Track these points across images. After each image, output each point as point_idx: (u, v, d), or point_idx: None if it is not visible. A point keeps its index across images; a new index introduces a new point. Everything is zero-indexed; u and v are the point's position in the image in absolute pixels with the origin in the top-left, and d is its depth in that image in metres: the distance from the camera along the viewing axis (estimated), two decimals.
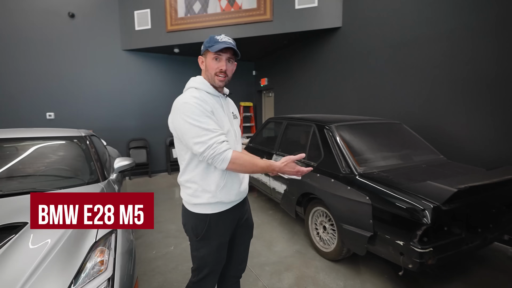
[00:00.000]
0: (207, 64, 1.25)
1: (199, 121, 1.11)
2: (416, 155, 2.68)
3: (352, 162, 2.33)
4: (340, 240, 2.33)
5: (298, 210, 2.89)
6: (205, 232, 1.25)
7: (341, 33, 4.58)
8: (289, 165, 1.16)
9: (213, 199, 1.22)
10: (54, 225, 1.28)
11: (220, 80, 1.25)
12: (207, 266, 1.31)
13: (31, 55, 5.12)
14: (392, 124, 3.05)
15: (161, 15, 5.38)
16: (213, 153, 1.10)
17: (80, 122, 5.56)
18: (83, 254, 1.19)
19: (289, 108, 6.17)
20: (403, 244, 1.79)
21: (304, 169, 1.20)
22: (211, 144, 1.10)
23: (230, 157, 1.11)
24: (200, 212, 1.25)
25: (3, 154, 1.99)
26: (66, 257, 1.15)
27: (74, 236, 1.26)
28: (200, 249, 1.28)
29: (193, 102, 1.14)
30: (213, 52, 1.20)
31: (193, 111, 1.12)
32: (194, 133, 1.11)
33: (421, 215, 1.70)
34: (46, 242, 1.18)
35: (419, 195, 1.79)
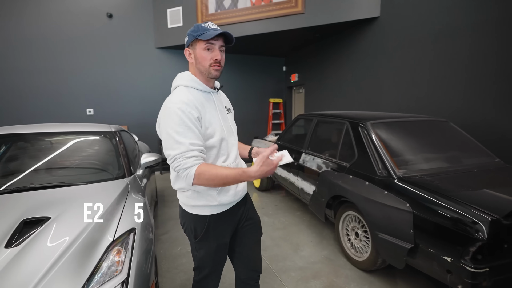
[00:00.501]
0: (197, 55, 1.12)
1: (176, 132, 1.03)
2: (466, 158, 2.36)
3: (390, 164, 2.10)
4: (374, 250, 2.12)
5: (328, 213, 2.71)
6: (204, 233, 1.21)
7: (379, 24, 4.24)
8: (266, 163, 0.99)
9: (212, 202, 1.17)
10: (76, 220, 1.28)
11: (216, 69, 1.14)
12: (206, 267, 1.28)
13: (73, 54, 5.44)
14: (436, 122, 2.73)
15: (192, 12, 5.41)
16: (177, 167, 1.04)
17: (117, 118, 5.83)
18: (100, 254, 1.16)
19: (320, 104, 5.91)
20: (452, 260, 1.55)
21: (276, 160, 1.02)
22: (178, 158, 1.03)
23: (193, 173, 1.02)
24: (199, 213, 1.20)
25: (37, 148, 2.08)
26: (82, 256, 1.13)
27: (92, 233, 1.24)
28: (199, 249, 1.25)
29: (177, 108, 1.05)
30: (205, 40, 1.08)
31: (174, 119, 1.04)
32: (168, 144, 1.06)
33: (476, 229, 1.45)
34: (64, 240, 1.17)
35: (473, 205, 1.54)
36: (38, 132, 2.15)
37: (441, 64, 3.38)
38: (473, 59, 3.03)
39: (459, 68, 3.19)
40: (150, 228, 1.55)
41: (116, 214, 1.46)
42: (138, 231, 1.37)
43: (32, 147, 2.10)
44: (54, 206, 1.41)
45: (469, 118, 3.12)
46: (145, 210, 1.65)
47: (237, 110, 6.51)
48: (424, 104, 3.63)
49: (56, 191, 1.62)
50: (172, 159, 1.05)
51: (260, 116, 7.19)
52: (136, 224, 1.41)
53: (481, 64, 2.97)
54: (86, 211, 1.38)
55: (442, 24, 3.32)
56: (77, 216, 1.33)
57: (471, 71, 3.06)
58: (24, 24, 5.10)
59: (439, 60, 3.40)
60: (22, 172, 1.82)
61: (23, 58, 5.15)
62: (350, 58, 4.91)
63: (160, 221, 3.35)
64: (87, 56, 5.55)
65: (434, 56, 3.45)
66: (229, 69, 6.74)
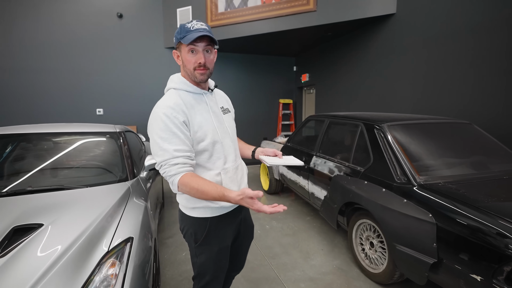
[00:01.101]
0: (183, 58, 1.09)
1: (161, 137, 1.01)
2: (492, 163, 2.17)
3: (409, 169, 1.94)
4: (391, 262, 1.96)
5: (340, 220, 2.56)
6: (205, 237, 1.17)
7: (395, 21, 4.04)
8: (245, 200, 0.93)
9: (213, 204, 1.13)
10: (69, 228, 1.19)
11: (201, 73, 1.08)
12: (207, 273, 1.23)
13: (84, 54, 5.46)
14: (459, 124, 2.54)
15: (202, 11, 5.34)
16: (164, 173, 1.03)
17: (126, 118, 5.82)
18: (92, 266, 1.07)
19: (331, 105, 5.73)
20: (482, 280, 1.38)
21: (266, 210, 0.92)
22: (164, 165, 1.02)
23: (176, 182, 1.01)
24: (199, 216, 1.16)
25: (39, 148, 2.02)
26: (73, 268, 1.04)
27: (86, 243, 1.15)
28: (199, 255, 1.20)
29: (162, 113, 1.03)
30: (187, 44, 1.02)
31: (159, 124, 1.02)
32: (153, 149, 1.04)
33: (510, 245, 1.28)
34: (54, 250, 1.08)
35: (506, 218, 1.37)
36: (40, 133, 2.10)
37: (462, 63, 3.17)
38: (496, 57, 2.82)
39: (481, 67, 2.98)
40: (150, 235, 1.46)
41: (114, 221, 1.36)
42: (136, 240, 1.27)
43: (34, 147, 2.05)
44: (48, 212, 1.33)
45: (493, 120, 2.90)
46: (145, 216, 1.56)
47: (246, 110, 6.43)
48: (442, 105, 3.42)
49: (53, 195, 1.54)
50: (159, 165, 1.04)
51: (269, 117, 7.06)
52: (134, 232, 1.31)
53: (504, 62, 2.75)
54: (82, 218, 1.30)
55: (463, 21, 3.12)
56: (71, 224, 1.24)
57: (494, 70, 2.85)
58: (36, 25, 5.15)
59: (460, 59, 3.19)
60: (21, 174, 1.76)
61: (34, 58, 5.20)
62: (363, 57, 4.73)
63: (166, 223, 3.27)
64: (97, 56, 5.56)
65: (454, 54, 3.25)
66: (238, 69, 6.65)
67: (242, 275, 2.25)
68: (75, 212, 1.36)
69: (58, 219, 1.26)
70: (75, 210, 1.38)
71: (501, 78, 2.82)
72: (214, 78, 4.86)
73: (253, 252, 2.60)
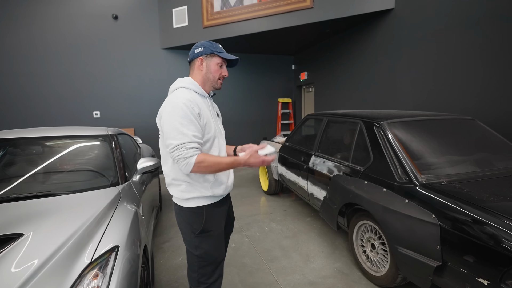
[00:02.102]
0: (211, 67, 1.29)
1: (181, 124, 1.14)
2: (498, 160, 2.08)
3: (411, 168, 1.86)
4: (394, 265, 1.88)
5: (341, 221, 2.49)
6: (204, 224, 1.27)
7: (393, 16, 3.96)
8: (253, 155, 1.21)
9: (206, 193, 1.26)
10: (51, 238, 1.13)
11: (221, 83, 1.35)
12: (211, 263, 1.31)
13: (79, 56, 5.40)
14: (462, 120, 2.46)
15: (197, 11, 5.28)
16: (179, 155, 1.12)
17: (124, 120, 5.76)
18: (72, 279, 1.00)
19: (331, 104, 5.65)
20: (489, 284, 1.31)
21: (268, 158, 1.24)
22: (180, 147, 1.13)
23: (194, 162, 1.13)
24: (195, 205, 1.26)
25: (27, 153, 1.96)
26: (52, 281, 0.97)
27: (67, 254, 1.08)
28: (200, 244, 1.29)
29: (182, 103, 1.16)
30: (221, 58, 1.29)
31: (179, 112, 1.15)
32: (172, 134, 1.15)
33: None
34: (33, 263, 1.01)
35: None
36: (29, 137, 2.04)
37: (463, 57, 3.09)
38: (498, 52, 2.74)
39: (482, 62, 2.89)
40: (139, 243, 1.39)
41: (100, 228, 1.30)
42: (122, 249, 1.20)
43: (22, 152, 1.99)
44: (31, 221, 1.26)
45: (496, 116, 2.82)
46: (134, 223, 1.49)
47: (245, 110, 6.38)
48: (444, 101, 3.34)
49: (39, 202, 1.48)
50: (174, 148, 1.13)
51: (268, 116, 6.99)
52: (120, 240, 1.24)
53: (508, 57, 2.67)
54: (65, 226, 1.23)
55: (463, 15, 3.03)
56: (53, 233, 1.18)
57: (497, 65, 2.77)
58: (31, 29, 5.10)
59: (462, 54, 3.11)
60: (7, 180, 1.70)
61: (29, 62, 5.15)
62: (362, 54, 4.65)
63: (164, 227, 3.20)
64: (93, 59, 5.50)
65: (456, 49, 3.17)
66: (236, 68, 6.58)
67: (239, 280, 2.18)
68: (59, 220, 1.29)
69: (40, 228, 1.20)
70: (60, 218, 1.32)
71: (506, 73, 2.74)
72: None
73: (251, 256, 2.53)
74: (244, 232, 3.03)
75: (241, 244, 2.77)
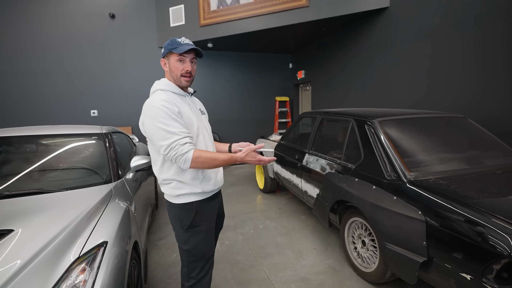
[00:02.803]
0: (171, 66, 1.29)
1: (165, 124, 1.15)
2: (487, 158, 2.11)
3: (399, 166, 1.88)
4: (382, 261, 1.91)
5: (333, 218, 2.51)
6: (193, 219, 1.30)
7: (389, 14, 3.98)
8: (250, 154, 1.21)
9: (195, 189, 1.29)
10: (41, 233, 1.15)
11: (186, 80, 1.30)
12: (200, 258, 1.34)
13: (76, 55, 5.43)
14: (453, 118, 2.48)
15: (194, 10, 5.29)
16: (175, 154, 1.14)
17: (121, 119, 5.79)
18: (60, 273, 1.02)
19: (327, 102, 5.67)
20: (471, 279, 1.33)
21: (265, 158, 1.23)
22: (174, 146, 1.14)
23: (191, 157, 1.15)
24: (185, 201, 1.30)
25: (22, 151, 1.99)
26: (40, 275, 1.00)
27: (56, 249, 1.11)
28: (189, 239, 1.32)
29: (160, 105, 1.17)
30: (178, 54, 1.24)
31: (160, 114, 1.16)
32: (160, 135, 1.16)
33: (500, 243, 1.23)
34: (22, 256, 1.03)
35: (496, 215, 1.32)
36: (24, 135, 2.06)
37: (459, 56, 3.10)
38: (493, 51, 2.75)
39: (477, 60, 2.91)
40: (128, 239, 1.41)
41: (90, 224, 1.32)
42: (110, 244, 1.23)
43: (17, 150, 2.01)
44: (22, 217, 1.29)
45: (492, 114, 2.84)
46: (125, 219, 1.52)
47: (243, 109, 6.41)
48: (440, 100, 3.36)
49: (31, 199, 1.50)
50: (168, 148, 1.15)
51: (266, 115, 7.01)
52: (109, 236, 1.27)
53: (502, 55, 2.69)
54: (55, 222, 1.26)
55: (458, 14, 3.05)
56: (43, 229, 1.20)
57: (492, 64, 2.78)
58: (29, 27, 5.12)
59: (456, 52, 3.12)
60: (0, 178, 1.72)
61: (27, 61, 5.17)
62: (358, 53, 4.66)
63: (159, 224, 3.23)
64: (90, 57, 5.52)
65: (450, 48, 3.18)
66: (234, 67, 6.60)
67: (232, 276, 2.21)
68: (50, 217, 1.32)
69: (30, 224, 1.22)
70: (51, 214, 1.34)
71: (499, 72, 2.76)
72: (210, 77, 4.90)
73: (245, 253, 2.56)
74: (238, 229, 3.06)
75: (235, 241, 2.80)
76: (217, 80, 6.52)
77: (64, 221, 1.28)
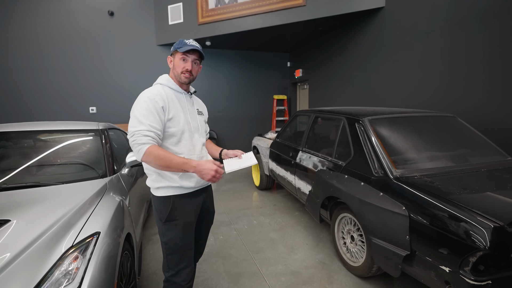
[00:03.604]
0: (175, 63, 1.38)
1: (140, 114, 1.21)
2: (473, 156, 2.16)
3: (387, 163, 1.94)
4: (369, 256, 1.97)
5: (324, 214, 2.57)
6: (169, 213, 1.33)
7: (384, 14, 4.02)
8: (207, 164, 1.19)
9: (173, 183, 1.31)
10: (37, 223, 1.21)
11: (186, 77, 1.37)
12: (176, 250, 1.35)
13: (75, 52, 5.46)
14: (443, 117, 2.53)
15: (192, 8, 5.33)
16: (133, 141, 1.18)
17: (120, 116, 5.83)
18: (53, 260, 1.08)
19: (325, 100, 5.72)
20: (450, 271, 1.39)
21: (217, 174, 1.20)
22: (136, 134, 1.18)
23: (145, 150, 1.17)
24: (164, 194, 1.33)
25: (19, 146, 2.04)
26: (34, 262, 1.05)
27: (51, 238, 1.16)
28: (166, 232, 1.35)
29: (146, 97, 1.25)
30: (181, 52, 1.33)
31: (141, 104, 1.23)
32: (132, 122, 1.23)
33: (476, 236, 1.29)
34: (17, 244, 1.09)
35: (474, 210, 1.37)
36: (21, 131, 2.11)
37: (452, 57, 3.15)
38: (488, 52, 2.80)
39: (472, 61, 2.96)
40: (120, 231, 1.47)
41: (84, 216, 1.38)
42: (103, 235, 1.28)
43: (15, 145, 2.06)
44: (18, 208, 1.35)
45: (482, 114, 2.89)
46: (118, 212, 1.57)
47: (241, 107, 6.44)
48: (434, 99, 3.41)
49: (26, 192, 1.56)
50: (132, 134, 1.20)
51: (264, 113, 7.06)
52: (102, 227, 1.33)
53: (497, 57, 2.73)
54: (50, 213, 1.31)
55: (453, 14, 3.09)
56: (38, 219, 1.26)
57: (487, 65, 2.83)
58: (27, 24, 5.15)
59: (450, 53, 3.17)
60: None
61: (26, 57, 5.21)
62: (354, 52, 4.71)
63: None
64: (89, 54, 5.56)
65: (444, 48, 3.23)
66: (232, 65, 6.64)
67: (224, 269, 2.27)
68: (45, 208, 1.37)
69: (25, 215, 1.28)
70: (46, 206, 1.40)
71: (494, 73, 2.81)
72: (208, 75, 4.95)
73: (237, 247, 2.62)
74: (233, 225, 3.12)
75: (229, 236, 2.85)
76: (215, 78, 6.56)
77: (58, 212, 1.33)
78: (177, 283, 1.37)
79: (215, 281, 2.13)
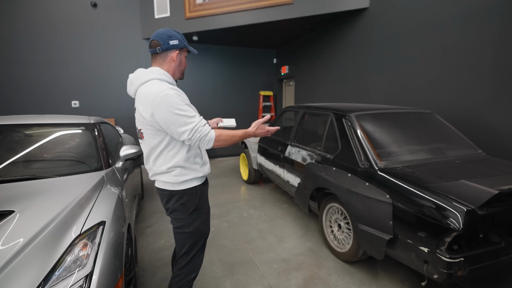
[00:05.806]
0: (181, 60, 1.38)
1: (183, 110, 1.20)
2: (449, 150, 2.36)
3: (372, 155, 2.09)
4: (355, 241, 2.12)
5: (312, 205, 2.70)
6: (198, 202, 1.39)
7: (368, 15, 4.19)
8: (260, 127, 1.41)
9: (198, 174, 1.37)
10: (41, 214, 1.23)
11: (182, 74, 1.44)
12: (200, 238, 1.44)
13: (57, 44, 5.27)
14: (422, 114, 2.72)
15: (179, 2, 5.27)
16: (199, 136, 1.22)
17: (104, 111, 5.70)
18: (63, 248, 1.12)
19: (310, 97, 5.87)
20: (428, 251, 1.55)
21: (272, 128, 1.44)
22: (197, 128, 1.21)
23: (214, 136, 1.24)
24: (190, 186, 1.36)
25: (11, 140, 2.00)
26: (46, 249, 1.09)
27: (58, 227, 1.19)
28: (193, 222, 1.39)
29: (173, 93, 1.21)
30: (188, 51, 1.41)
31: (176, 101, 1.20)
32: (181, 122, 1.20)
33: (451, 219, 1.45)
34: (27, 234, 1.12)
35: (449, 196, 1.53)
36: (14, 124, 2.07)
37: (431, 57, 3.36)
38: (468, 52, 3.01)
39: (452, 61, 3.17)
40: (123, 221, 1.51)
41: (87, 206, 1.41)
42: (108, 224, 1.33)
43: (6, 139, 2.02)
44: (20, 200, 1.36)
45: (455, 112, 3.12)
46: (119, 203, 1.61)
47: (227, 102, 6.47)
48: (415, 97, 3.62)
49: (26, 184, 1.56)
50: (192, 131, 1.20)
51: (250, 109, 7.13)
52: (106, 217, 1.37)
53: (477, 57, 2.95)
54: (55, 204, 1.33)
55: (435, 15, 3.29)
56: (44, 210, 1.28)
57: (466, 65, 3.05)
58: (6, 15, 4.91)
59: (429, 54, 3.38)
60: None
61: (4, 49, 4.97)
62: (339, 51, 4.87)
63: (146, 214, 3.31)
64: (71, 47, 5.38)
65: (424, 49, 3.43)
66: (218, 61, 6.64)
67: (218, 259, 2.35)
68: (48, 199, 1.39)
69: (30, 206, 1.30)
70: (49, 197, 1.42)
71: (473, 73, 3.03)
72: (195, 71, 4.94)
73: (230, 238, 2.71)
74: (224, 217, 3.20)
75: (220, 228, 2.93)
76: (202, 73, 6.54)
77: (61, 203, 1.36)
78: (195, 268, 1.44)
79: (210, 269, 2.21)
